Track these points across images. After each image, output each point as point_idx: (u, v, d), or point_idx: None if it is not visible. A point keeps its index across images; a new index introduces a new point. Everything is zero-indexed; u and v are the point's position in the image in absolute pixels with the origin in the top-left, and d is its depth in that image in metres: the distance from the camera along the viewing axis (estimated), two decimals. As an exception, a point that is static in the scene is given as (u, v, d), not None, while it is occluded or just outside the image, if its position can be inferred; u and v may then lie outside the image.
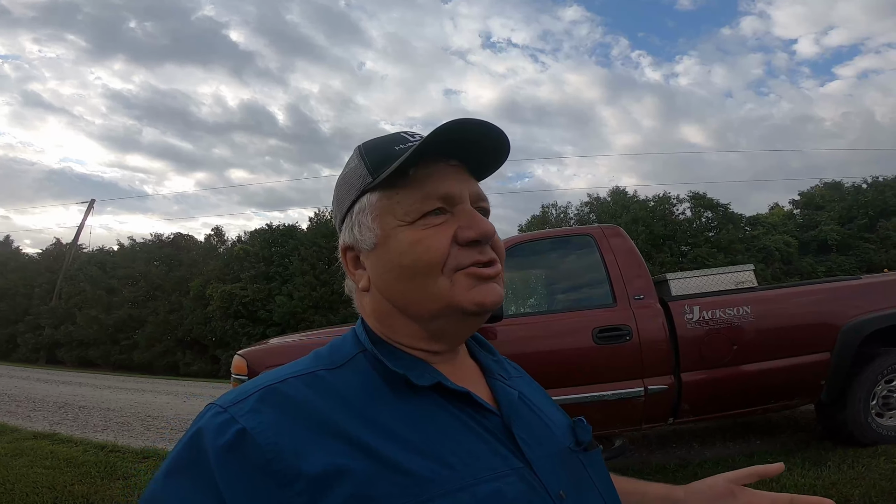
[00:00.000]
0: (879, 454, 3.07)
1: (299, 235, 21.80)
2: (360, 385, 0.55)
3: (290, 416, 0.50)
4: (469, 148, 0.59)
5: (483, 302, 0.57)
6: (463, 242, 0.57)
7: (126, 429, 5.89)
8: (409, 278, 0.57)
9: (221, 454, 0.47)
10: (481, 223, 0.58)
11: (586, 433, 0.65)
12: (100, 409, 7.32)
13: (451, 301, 0.57)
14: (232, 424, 0.48)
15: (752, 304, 3.25)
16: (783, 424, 4.20)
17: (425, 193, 0.58)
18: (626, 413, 3.09)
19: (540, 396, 0.71)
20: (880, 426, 3.27)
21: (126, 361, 21.23)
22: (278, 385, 0.53)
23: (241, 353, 3.32)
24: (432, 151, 0.57)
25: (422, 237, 0.57)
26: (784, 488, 2.72)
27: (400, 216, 0.58)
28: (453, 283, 0.57)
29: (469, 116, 0.57)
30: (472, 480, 0.50)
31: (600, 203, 23.37)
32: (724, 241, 19.79)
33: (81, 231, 25.79)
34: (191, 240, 26.50)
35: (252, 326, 19.48)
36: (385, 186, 0.59)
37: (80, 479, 3.72)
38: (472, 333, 0.67)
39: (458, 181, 0.60)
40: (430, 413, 0.54)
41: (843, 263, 19.40)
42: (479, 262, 0.57)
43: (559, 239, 3.75)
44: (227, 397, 0.53)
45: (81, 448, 4.67)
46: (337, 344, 0.62)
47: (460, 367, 0.64)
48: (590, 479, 0.61)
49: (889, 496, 2.52)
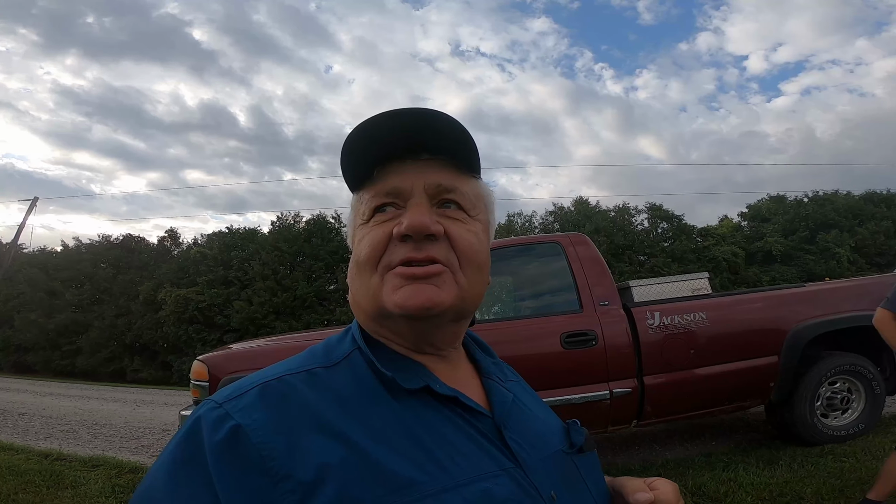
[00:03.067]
0: (827, 453, 3.26)
1: (260, 239, 21.25)
2: (354, 384, 0.55)
3: (285, 414, 0.49)
4: (425, 139, 0.58)
5: (404, 305, 0.54)
6: (396, 237, 0.55)
7: (72, 437, 5.59)
8: (357, 275, 0.59)
9: (217, 451, 0.46)
10: (414, 216, 0.55)
11: (580, 435, 0.65)
12: (42, 417, 6.94)
13: (379, 301, 0.56)
14: (227, 420, 0.48)
15: (707, 310, 3.41)
16: (737, 426, 4.40)
17: (376, 191, 0.58)
18: (593, 416, 3.16)
19: (534, 400, 0.71)
20: (825, 426, 3.48)
21: (68, 367, 20.09)
22: (274, 382, 0.53)
23: (201, 358, 3.20)
24: (387, 149, 0.58)
25: (366, 234, 0.57)
26: (741, 487, 2.86)
27: (360, 215, 0.60)
28: (384, 282, 0.56)
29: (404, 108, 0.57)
30: (462, 481, 0.50)
31: (564, 213, 23.93)
32: (679, 251, 20.65)
33: (22, 230, 24.18)
34: (142, 242, 25.32)
35: (208, 332, 18.80)
36: (356, 189, 0.61)
37: (24, 487, 3.53)
38: (440, 336, 0.60)
39: (415, 175, 0.58)
40: (422, 414, 0.54)
41: (785, 273, 20.60)
42: (409, 260, 0.54)
43: (527, 246, 3.82)
44: (223, 393, 0.52)
45: (23, 456, 4.43)
46: (333, 342, 0.62)
47: (455, 368, 0.64)
48: (583, 481, 0.61)
49: (839, 494, 2.68)
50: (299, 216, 22.51)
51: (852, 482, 2.78)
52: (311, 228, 21.19)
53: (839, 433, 3.47)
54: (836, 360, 3.48)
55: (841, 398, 3.53)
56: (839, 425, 3.52)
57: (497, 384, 0.65)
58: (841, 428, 3.50)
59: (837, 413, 3.55)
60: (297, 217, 22.46)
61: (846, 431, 3.48)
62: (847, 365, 3.47)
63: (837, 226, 22.07)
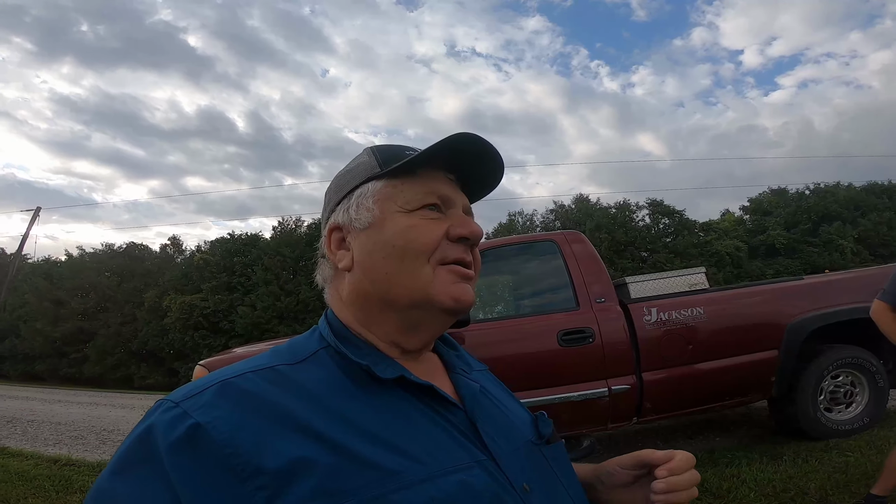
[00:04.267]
0: (831, 448, 3.22)
1: (262, 245, 21.31)
2: (321, 379, 0.55)
3: (249, 411, 0.49)
4: (467, 167, 0.64)
5: (460, 298, 0.60)
6: (453, 238, 0.61)
7: (80, 442, 5.65)
8: (398, 259, 0.59)
9: (174, 450, 0.46)
10: (473, 224, 0.62)
11: (547, 426, 0.67)
12: (50, 423, 6.99)
13: (429, 292, 0.58)
14: (185, 419, 0.47)
15: (705, 305, 3.39)
16: (740, 421, 4.37)
17: (428, 189, 0.62)
18: (592, 413, 3.15)
19: (501, 391, 0.72)
20: (829, 420, 3.43)
21: (75, 375, 20.21)
22: (235, 379, 0.52)
23: (202, 363, 3.21)
24: (439, 158, 0.62)
25: (418, 224, 0.60)
26: (745, 483, 2.83)
27: (401, 203, 0.61)
28: (435, 274, 0.59)
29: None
30: (437, 472, 0.50)
31: (565, 210, 23.89)
32: (681, 246, 20.58)
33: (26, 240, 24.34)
34: (145, 249, 25.47)
35: (213, 338, 18.88)
36: (391, 177, 0.62)
37: (34, 492, 3.60)
38: (442, 333, 0.67)
39: (455, 190, 0.65)
40: (395, 406, 0.55)
41: (789, 266, 20.49)
42: (462, 261, 0.61)
43: (523, 245, 3.81)
44: (179, 392, 0.51)
45: (33, 462, 4.50)
46: (297, 341, 0.62)
47: (423, 363, 0.64)
48: (553, 472, 0.62)
49: (844, 489, 2.64)
50: (300, 221, 22.56)
51: (857, 477, 2.74)
52: (313, 232, 21.22)
53: (843, 427, 3.43)
54: (838, 353, 3.44)
55: (844, 392, 3.49)
56: (843, 419, 3.47)
57: (462, 376, 0.65)
58: (845, 422, 3.45)
59: (841, 407, 3.51)
60: (298, 222, 22.53)
61: (851, 425, 3.43)
62: (849, 358, 3.43)
63: (840, 218, 21.92)
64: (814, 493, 2.65)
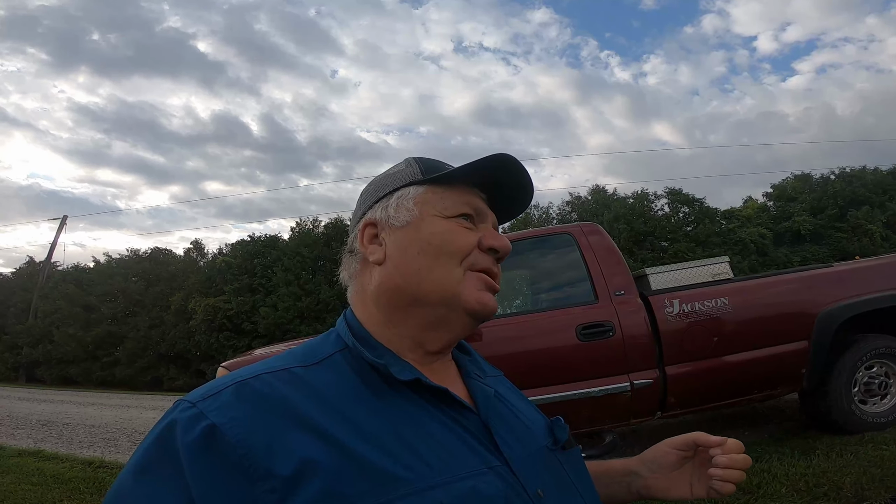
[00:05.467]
0: (867, 441, 3.10)
1: (281, 246, 21.59)
2: (335, 382, 0.55)
3: (262, 412, 0.49)
4: (498, 191, 0.70)
5: (486, 304, 0.63)
6: (485, 248, 0.65)
7: (113, 445, 5.80)
8: (433, 256, 0.62)
9: (191, 451, 0.46)
10: (504, 239, 0.67)
11: (563, 432, 0.67)
12: (84, 426, 7.20)
13: (458, 291, 0.62)
14: (201, 420, 0.48)
15: (729, 295, 3.28)
16: (770, 414, 4.25)
17: (466, 200, 0.67)
18: (614, 408, 3.09)
19: (516, 396, 0.73)
20: (864, 413, 3.30)
21: (108, 378, 20.83)
22: (250, 380, 0.53)
23: (224, 364, 3.29)
24: (477, 176, 0.67)
25: (455, 228, 0.64)
26: (776, 478, 2.74)
27: (439, 209, 0.65)
28: (465, 277, 0.63)
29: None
30: (448, 478, 0.50)
31: (581, 202, 23.61)
32: (702, 235, 20.15)
33: (55, 248, 25.20)
34: (169, 254, 26.01)
35: (237, 339, 19.23)
36: (432, 184, 0.67)
37: (69, 495, 3.69)
38: (463, 337, 0.68)
39: (486, 207, 0.70)
40: (407, 411, 0.55)
41: (816, 253, 19.88)
42: (490, 271, 0.65)
43: (538, 238, 3.75)
44: (197, 393, 0.53)
45: (68, 464, 4.62)
46: (313, 343, 0.63)
47: (438, 371, 0.64)
48: (568, 477, 0.62)
49: (880, 483, 2.54)
50: (318, 221, 22.77)
51: (893, 471, 2.63)
52: (330, 232, 21.39)
53: (879, 420, 3.29)
54: (872, 342, 3.30)
55: (879, 383, 3.35)
56: (878, 412, 3.33)
57: (477, 381, 0.66)
58: (881, 414, 3.31)
59: (876, 399, 3.37)
60: (315, 222, 22.73)
61: (886, 418, 3.30)
62: (883, 348, 3.30)
63: (868, 202, 21.16)
64: (849, 488, 2.55)
